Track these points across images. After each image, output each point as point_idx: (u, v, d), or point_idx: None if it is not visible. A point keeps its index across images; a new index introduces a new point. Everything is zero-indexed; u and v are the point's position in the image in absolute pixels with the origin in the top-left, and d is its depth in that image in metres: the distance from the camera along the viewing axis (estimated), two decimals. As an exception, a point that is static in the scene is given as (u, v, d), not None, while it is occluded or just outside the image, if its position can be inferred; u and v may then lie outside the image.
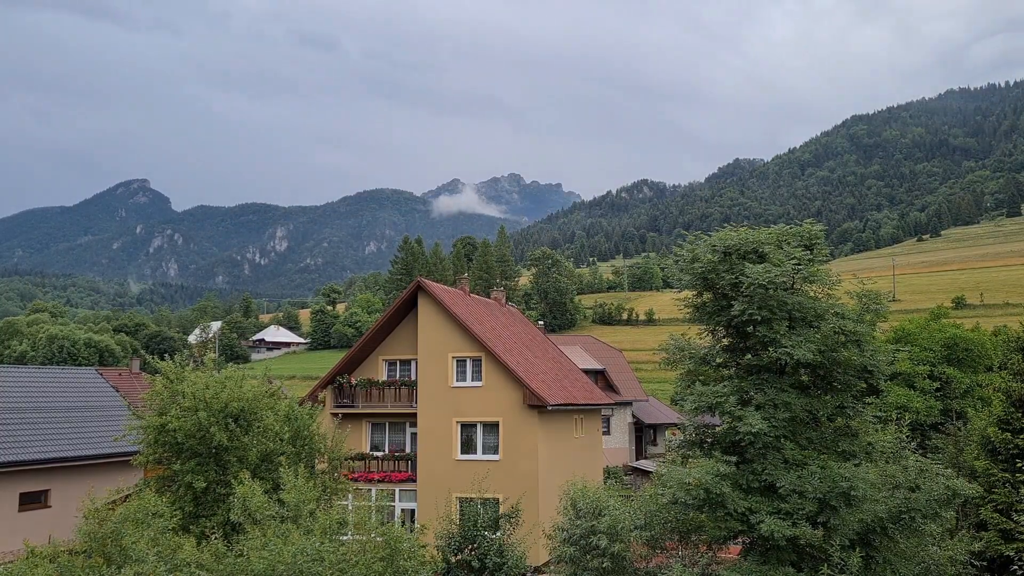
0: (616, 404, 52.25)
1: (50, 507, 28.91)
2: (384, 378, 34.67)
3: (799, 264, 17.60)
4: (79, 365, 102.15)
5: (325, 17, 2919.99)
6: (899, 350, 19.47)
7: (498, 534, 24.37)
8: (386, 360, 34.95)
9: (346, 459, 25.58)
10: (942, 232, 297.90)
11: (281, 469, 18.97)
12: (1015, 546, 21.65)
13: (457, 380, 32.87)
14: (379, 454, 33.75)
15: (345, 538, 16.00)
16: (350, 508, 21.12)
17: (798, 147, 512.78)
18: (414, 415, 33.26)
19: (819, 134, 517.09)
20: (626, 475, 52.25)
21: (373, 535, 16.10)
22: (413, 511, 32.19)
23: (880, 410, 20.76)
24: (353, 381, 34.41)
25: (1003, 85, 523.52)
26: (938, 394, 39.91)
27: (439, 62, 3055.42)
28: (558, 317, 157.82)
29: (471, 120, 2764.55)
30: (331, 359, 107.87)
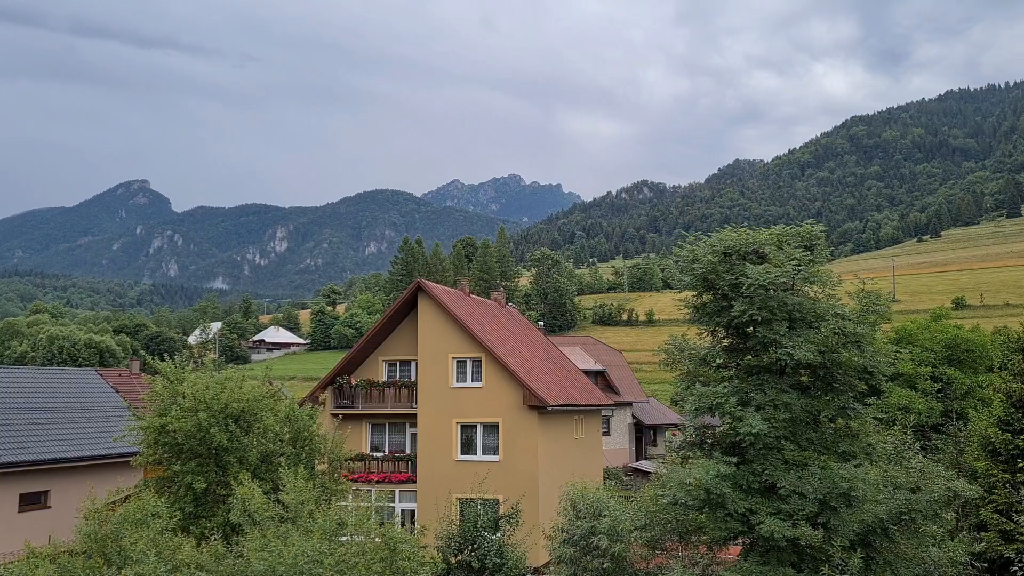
0: (616, 405, 52.25)
1: (50, 508, 28.91)
2: (384, 379, 34.67)
3: (799, 265, 17.58)
4: (79, 366, 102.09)
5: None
6: (900, 351, 19.46)
7: (498, 535, 24.35)
8: (386, 361, 34.94)
9: (346, 460, 25.57)
10: (942, 233, 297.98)
11: (281, 470, 18.96)
12: (1015, 547, 21.65)
13: (457, 381, 32.86)
14: (379, 455, 33.74)
15: (344, 539, 16.00)
16: (350, 509, 21.11)
17: (798, 148, 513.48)
18: (414, 416, 33.25)
19: (819, 135, 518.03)
20: (626, 476, 52.24)
21: (372, 536, 16.09)
22: (413, 512, 32.18)
23: (882, 411, 20.77)
24: (353, 382, 34.41)
25: (1003, 86, 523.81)
26: (939, 395, 39.89)
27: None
28: (558, 318, 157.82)
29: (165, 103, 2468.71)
30: (331, 360, 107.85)
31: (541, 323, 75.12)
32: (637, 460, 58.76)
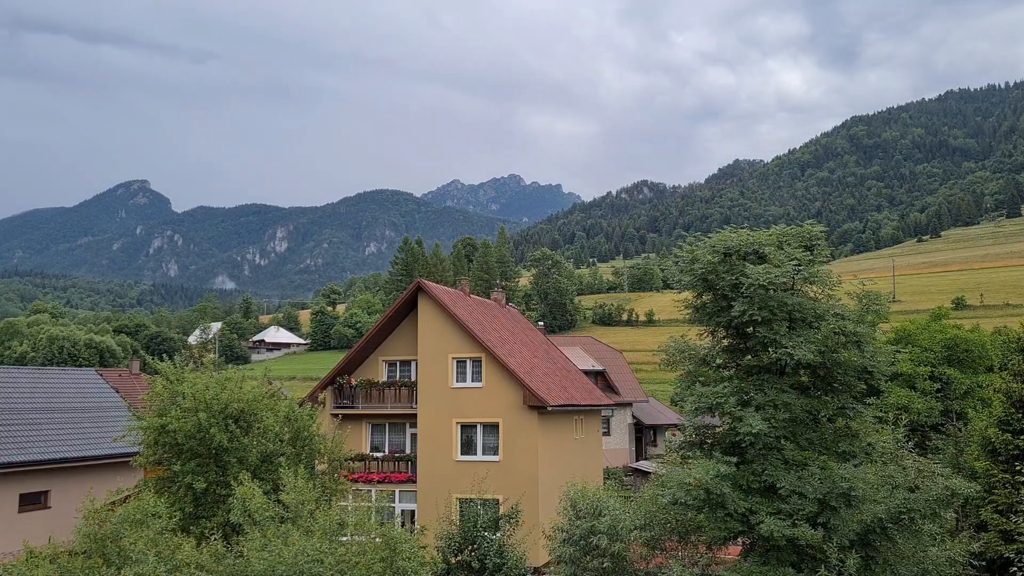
0: (616, 405, 52.23)
1: (50, 508, 28.90)
2: (384, 379, 34.67)
3: (799, 265, 17.59)
4: (79, 366, 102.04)
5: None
6: (899, 351, 19.46)
7: (498, 535, 24.35)
8: (386, 361, 34.94)
9: (346, 460, 25.56)
10: (942, 233, 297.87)
11: (281, 470, 18.96)
12: (1015, 547, 21.63)
13: (457, 381, 32.86)
14: (379, 455, 33.74)
15: (344, 539, 16.00)
16: (350, 509, 21.12)
17: (798, 148, 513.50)
18: (414, 416, 33.26)
19: (819, 135, 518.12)
20: (626, 476, 52.25)
21: (373, 536, 16.10)
22: (413, 512, 32.19)
23: (881, 411, 20.78)
24: (353, 382, 34.41)
25: (1003, 86, 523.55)
26: (939, 395, 39.85)
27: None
28: (558, 318, 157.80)
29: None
30: (331, 360, 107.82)
31: (541, 323, 75.05)
32: (637, 460, 58.76)
